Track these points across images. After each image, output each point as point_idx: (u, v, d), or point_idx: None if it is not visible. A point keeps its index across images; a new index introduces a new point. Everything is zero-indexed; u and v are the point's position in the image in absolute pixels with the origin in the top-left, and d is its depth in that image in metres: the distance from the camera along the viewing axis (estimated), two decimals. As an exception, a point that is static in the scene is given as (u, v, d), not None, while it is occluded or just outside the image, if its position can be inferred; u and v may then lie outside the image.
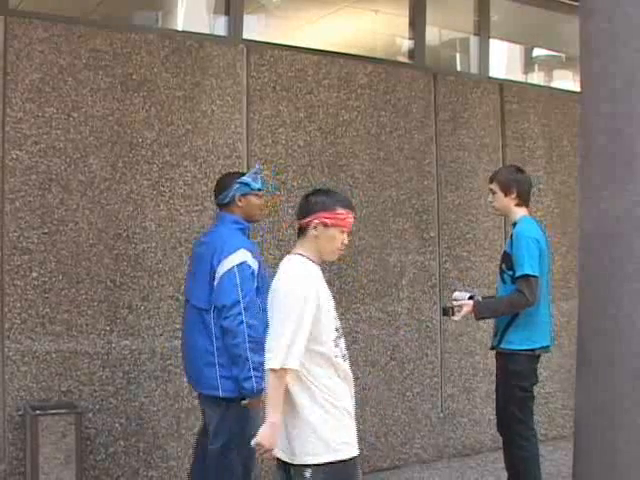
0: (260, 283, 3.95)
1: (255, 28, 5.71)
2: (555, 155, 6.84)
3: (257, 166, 4.48)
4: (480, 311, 4.56)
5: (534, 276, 4.37)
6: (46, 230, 4.70)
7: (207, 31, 5.61)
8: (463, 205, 6.26)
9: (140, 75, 5.01)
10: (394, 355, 5.88)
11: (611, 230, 3.17)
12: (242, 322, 3.80)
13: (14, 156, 4.63)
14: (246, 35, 5.47)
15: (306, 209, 3.21)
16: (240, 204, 4.10)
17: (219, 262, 3.90)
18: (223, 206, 4.15)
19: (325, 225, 3.17)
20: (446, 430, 6.09)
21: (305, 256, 3.18)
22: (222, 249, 3.94)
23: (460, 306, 4.56)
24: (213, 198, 4.32)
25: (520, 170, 4.77)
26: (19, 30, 4.65)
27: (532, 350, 4.51)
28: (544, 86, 7.50)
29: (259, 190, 4.18)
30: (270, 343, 3.04)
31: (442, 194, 6.20)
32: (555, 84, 7.67)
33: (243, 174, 4.25)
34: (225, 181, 4.20)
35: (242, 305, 3.81)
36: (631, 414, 3.02)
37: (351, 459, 3.08)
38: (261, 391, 3.64)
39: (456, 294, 4.73)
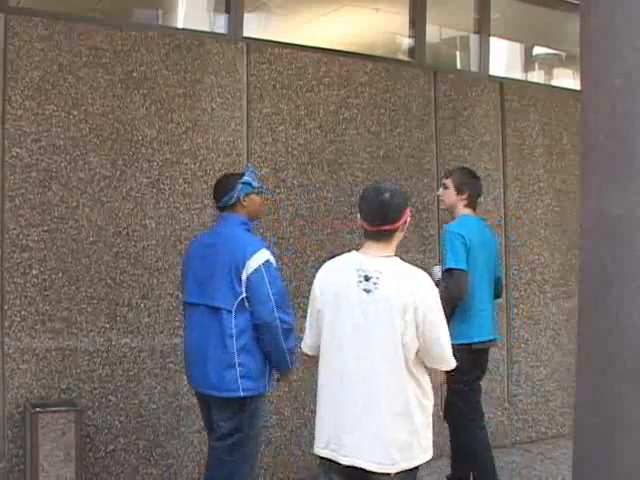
0: None
1: (255, 26, 5.70)
2: (555, 153, 6.84)
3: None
4: None
5: (457, 269, 4.59)
6: (46, 228, 4.70)
7: (207, 29, 5.60)
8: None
9: (140, 73, 5.01)
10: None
11: (612, 229, 3.17)
12: (276, 318, 3.93)
13: (14, 154, 4.62)
14: (246, 33, 5.47)
15: (397, 211, 3.20)
16: (245, 204, 4.17)
17: (244, 263, 3.94)
18: (228, 207, 4.18)
19: (409, 222, 3.31)
20: (446, 428, 6.07)
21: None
22: (244, 250, 3.99)
23: None
24: (214, 201, 4.31)
25: (475, 176, 5.07)
26: (19, 28, 4.65)
27: (468, 345, 4.68)
28: (544, 84, 7.50)
29: (259, 188, 4.28)
30: (445, 350, 3.17)
31: (442, 192, 6.19)
32: (555, 82, 7.67)
33: (242, 174, 4.25)
34: (228, 183, 4.22)
35: (273, 302, 3.94)
36: (631, 414, 3.01)
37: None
38: (292, 366, 4.06)
39: (436, 268, 5.00)
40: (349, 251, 3.33)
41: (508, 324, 6.48)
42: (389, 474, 3.06)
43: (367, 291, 3.10)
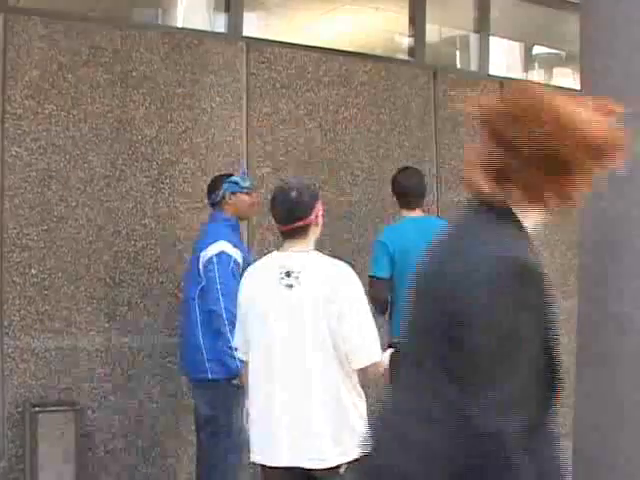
0: None
1: (255, 25, 5.71)
2: (555, 153, 6.83)
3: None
4: None
5: (372, 276, 4.68)
6: (45, 227, 4.69)
7: (207, 28, 5.60)
8: (463, 203, 6.25)
9: (140, 72, 5.01)
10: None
11: (611, 228, 3.16)
12: (221, 307, 4.12)
13: (14, 153, 4.62)
14: (246, 32, 5.47)
15: (306, 206, 3.18)
16: (230, 202, 4.42)
17: (201, 253, 4.27)
18: (215, 205, 4.47)
19: (322, 215, 3.27)
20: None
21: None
22: (205, 241, 4.30)
23: None
24: (206, 200, 4.58)
25: (407, 174, 4.95)
26: (19, 27, 4.65)
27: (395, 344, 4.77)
28: (544, 84, 7.48)
29: (248, 188, 4.50)
30: (366, 339, 3.10)
31: (441, 192, 6.19)
32: (555, 82, 7.65)
33: (230, 174, 4.55)
34: (216, 181, 4.52)
35: (220, 291, 4.14)
36: (631, 414, 3.01)
37: None
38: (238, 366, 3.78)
39: None
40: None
41: (508, 324, 6.47)
42: (330, 469, 3.04)
43: (290, 287, 3.09)
